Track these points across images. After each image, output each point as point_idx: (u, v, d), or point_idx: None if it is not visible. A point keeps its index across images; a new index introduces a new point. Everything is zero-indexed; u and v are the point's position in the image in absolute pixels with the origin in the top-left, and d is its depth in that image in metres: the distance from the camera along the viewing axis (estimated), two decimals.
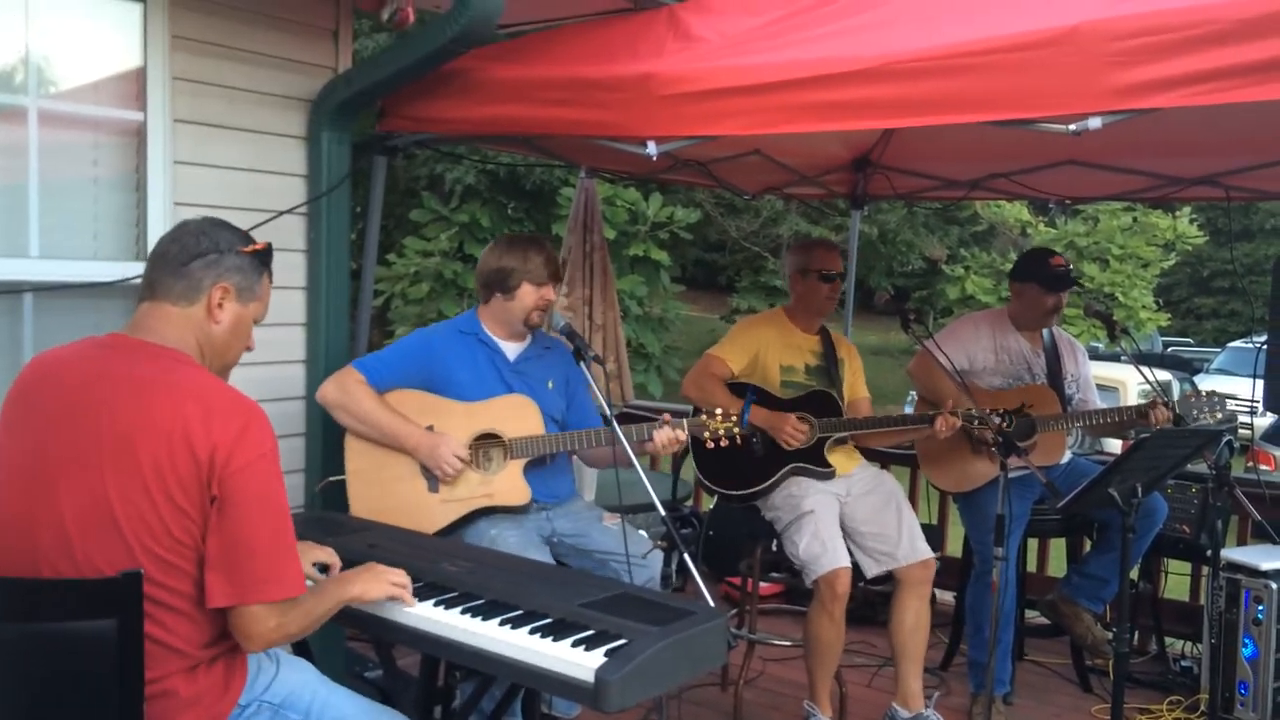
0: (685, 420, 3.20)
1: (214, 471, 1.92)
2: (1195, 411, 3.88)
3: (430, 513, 3.11)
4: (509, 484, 3.16)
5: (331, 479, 3.25)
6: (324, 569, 2.47)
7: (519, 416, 3.20)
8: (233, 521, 1.93)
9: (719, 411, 3.20)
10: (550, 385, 3.37)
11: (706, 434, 3.20)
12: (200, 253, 2.12)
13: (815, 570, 3.51)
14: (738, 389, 3.76)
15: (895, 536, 3.65)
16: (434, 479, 3.13)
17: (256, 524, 1.95)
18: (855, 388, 4.00)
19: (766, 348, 3.84)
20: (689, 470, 3.83)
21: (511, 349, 3.35)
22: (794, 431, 3.64)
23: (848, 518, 3.75)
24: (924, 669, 3.84)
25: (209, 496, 1.93)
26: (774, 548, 3.82)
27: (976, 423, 3.68)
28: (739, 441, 3.25)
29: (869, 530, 3.69)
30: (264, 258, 2.24)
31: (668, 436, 3.15)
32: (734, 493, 3.77)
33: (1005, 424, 3.60)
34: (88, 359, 2.07)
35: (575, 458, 3.58)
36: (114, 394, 1.97)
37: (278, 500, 2.00)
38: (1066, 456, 4.20)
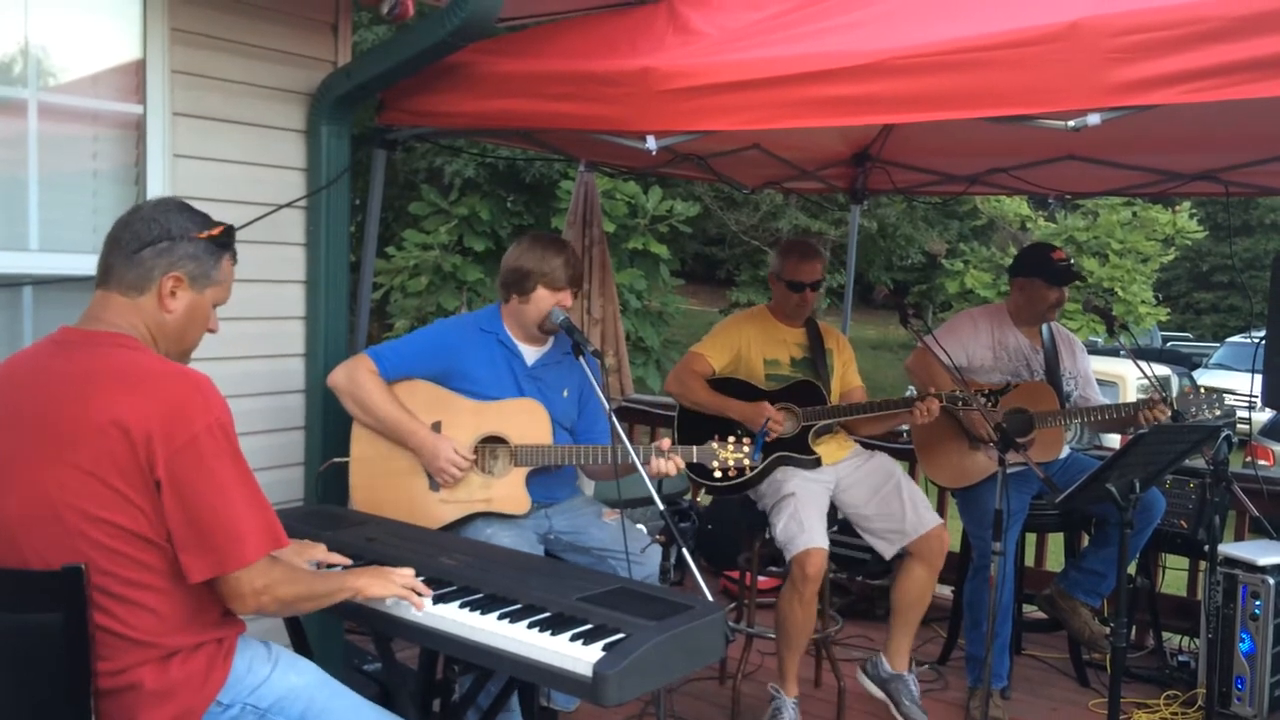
0: (695, 448, 3.12)
1: (153, 456, 1.89)
2: (1194, 408, 3.87)
3: (428, 512, 3.09)
4: (509, 491, 3.13)
5: (336, 460, 3.26)
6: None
7: (527, 421, 3.15)
8: (189, 501, 1.91)
9: (730, 440, 3.12)
10: (565, 394, 3.30)
11: (715, 463, 3.11)
12: (151, 240, 2.07)
13: (789, 550, 3.54)
14: (721, 385, 3.79)
15: (900, 513, 3.68)
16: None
17: (213, 496, 1.92)
18: (847, 378, 4.01)
19: (748, 344, 3.87)
20: None
21: (530, 353, 3.29)
22: (774, 422, 3.63)
23: (847, 505, 3.78)
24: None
25: (152, 481, 1.90)
26: (767, 536, 3.83)
27: (960, 404, 3.66)
28: (749, 472, 3.20)
29: (873, 512, 3.73)
30: (222, 241, 2.17)
31: (661, 469, 3.04)
32: (720, 485, 3.77)
33: (990, 403, 3.59)
34: (35, 359, 2.06)
35: None
36: (53, 391, 1.96)
37: (231, 468, 1.96)
38: (1065, 452, 4.21)
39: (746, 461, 3.10)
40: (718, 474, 3.15)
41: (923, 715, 3.78)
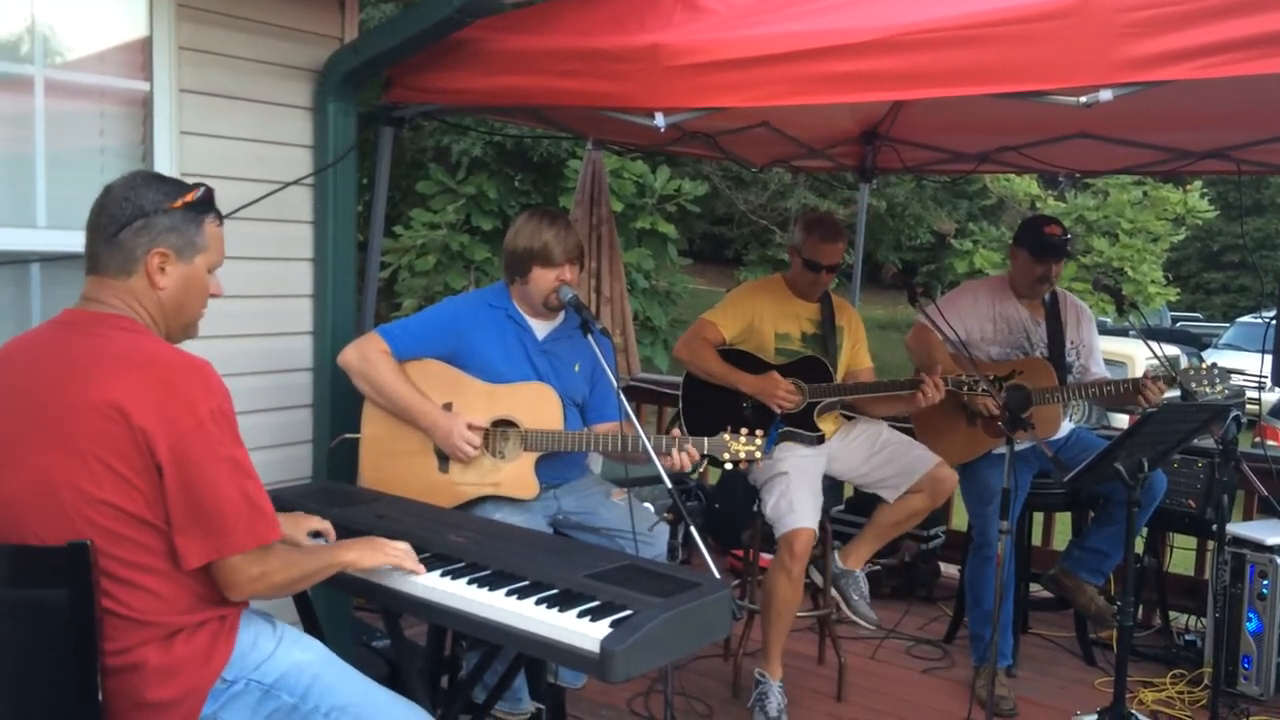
0: (706, 440, 3.09)
1: (153, 440, 1.88)
2: (1194, 384, 3.82)
3: (437, 493, 3.08)
4: (518, 476, 3.12)
5: (347, 435, 3.26)
6: (316, 536, 2.46)
7: (538, 406, 3.14)
8: (190, 486, 1.90)
9: (743, 432, 3.08)
10: (577, 368, 3.29)
11: (726, 455, 3.07)
12: (126, 220, 2.01)
13: (779, 528, 3.57)
14: (728, 357, 3.77)
15: (896, 458, 3.73)
16: (445, 459, 3.12)
17: (214, 483, 1.91)
18: (857, 358, 3.98)
19: (762, 315, 3.83)
20: None
21: (541, 328, 3.27)
22: (786, 395, 3.65)
23: (843, 473, 3.84)
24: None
25: (153, 465, 1.89)
26: (755, 510, 3.83)
27: (965, 389, 3.67)
28: (759, 465, 3.17)
29: (870, 468, 3.78)
30: (200, 206, 2.09)
31: (677, 463, 3.02)
32: None
33: (997, 389, 3.57)
34: (37, 340, 2.05)
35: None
36: (54, 372, 1.95)
37: (231, 454, 1.95)
38: (1065, 429, 4.18)
39: (758, 455, 3.07)
40: (728, 465, 3.11)
41: (871, 613, 3.82)
